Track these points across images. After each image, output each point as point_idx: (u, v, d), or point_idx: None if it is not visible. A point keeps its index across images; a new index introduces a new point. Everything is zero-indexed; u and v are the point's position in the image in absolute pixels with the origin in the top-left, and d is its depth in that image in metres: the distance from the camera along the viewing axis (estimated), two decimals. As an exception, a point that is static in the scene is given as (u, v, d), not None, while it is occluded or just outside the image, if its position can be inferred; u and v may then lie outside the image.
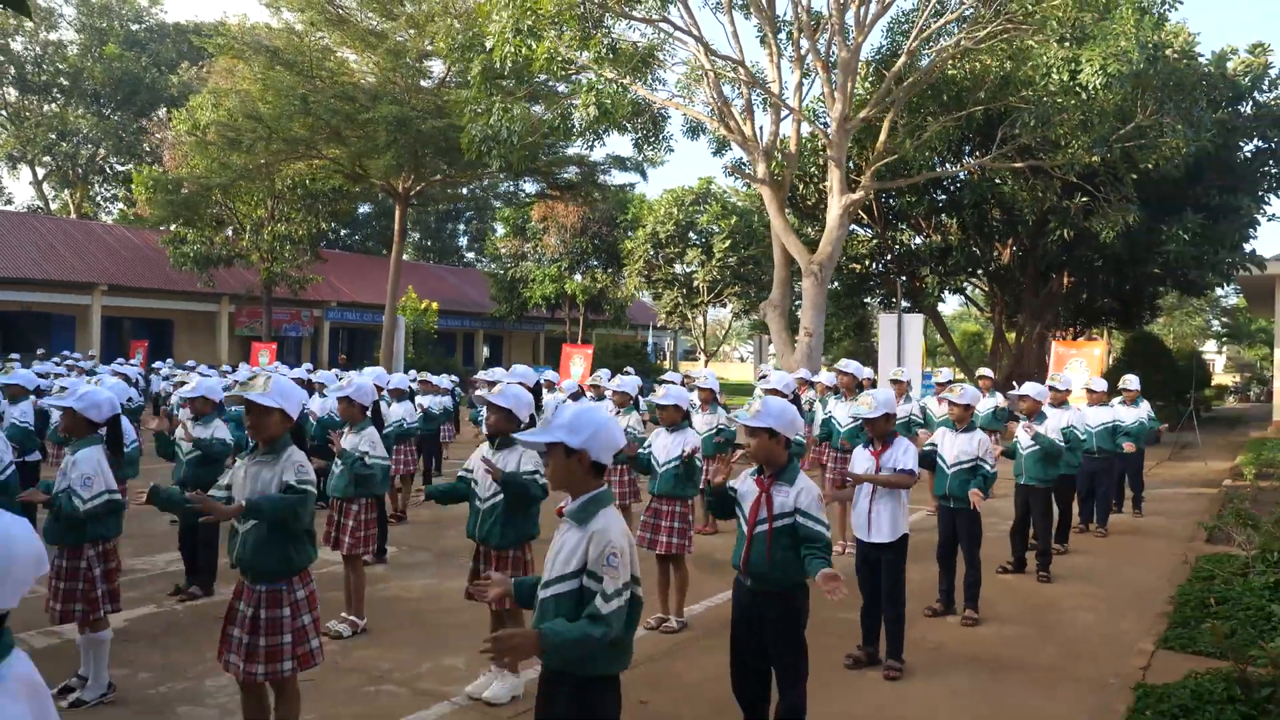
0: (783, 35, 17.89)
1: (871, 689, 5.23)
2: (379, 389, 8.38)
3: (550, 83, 20.56)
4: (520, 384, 5.54)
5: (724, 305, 40.31)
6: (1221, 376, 53.12)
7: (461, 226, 58.63)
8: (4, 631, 1.73)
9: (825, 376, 10.81)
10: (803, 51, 17.27)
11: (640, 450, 6.63)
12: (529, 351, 47.08)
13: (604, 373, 11.44)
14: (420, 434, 10.47)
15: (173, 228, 30.30)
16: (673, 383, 9.38)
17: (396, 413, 9.27)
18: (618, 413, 8.32)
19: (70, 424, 4.66)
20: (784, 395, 7.47)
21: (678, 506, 6.23)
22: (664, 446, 6.38)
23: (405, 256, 28.47)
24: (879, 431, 5.55)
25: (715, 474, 4.27)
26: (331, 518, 6.12)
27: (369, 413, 6.18)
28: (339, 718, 4.64)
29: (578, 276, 36.83)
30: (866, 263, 26.83)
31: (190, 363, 23.12)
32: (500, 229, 42.56)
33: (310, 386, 10.54)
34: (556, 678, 2.82)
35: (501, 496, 4.85)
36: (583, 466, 2.84)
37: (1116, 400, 10.74)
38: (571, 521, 2.85)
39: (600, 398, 10.95)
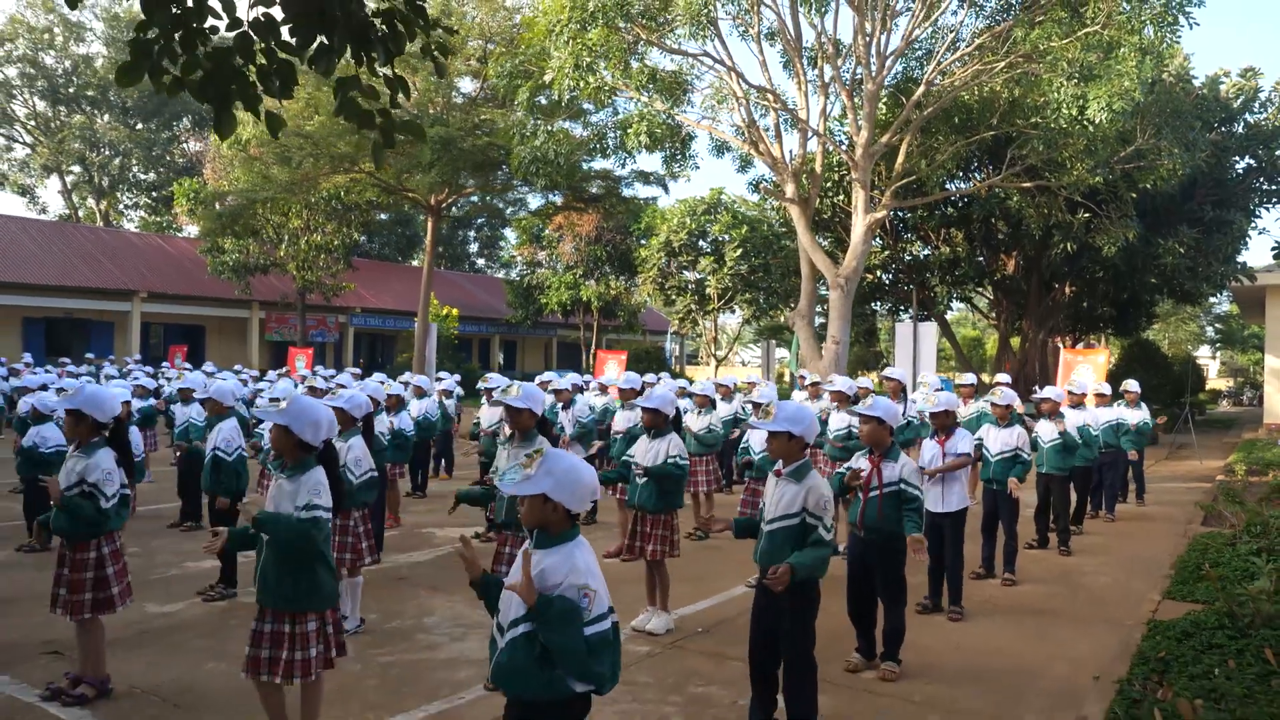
0: (805, 60, 19.23)
1: (940, 628, 6.62)
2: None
3: (581, 102, 21.88)
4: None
5: (734, 311, 41.63)
6: (1215, 381, 54.62)
7: (472, 234, 59.97)
8: (576, 524, 3.00)
9: (865, 382, 12.19)
10: (827, 79, 18.64)
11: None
12: (542, 356, 48.42)
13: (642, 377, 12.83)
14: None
15: (214, 238, 31.56)
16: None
17: (492, 415, 10.52)
18: (699, 413, 9.69)
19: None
20: (847, 395, 8.92)
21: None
22: (759, 439, 7.78)
23: (420, 263, 29.89)
24: (941, 424, 6.93)
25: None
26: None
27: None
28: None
29: (592, 283, 37.99)
30: (877, 273, 28.20)
31: (238, 366, 24.44)
32: (513, 237, 43.74)
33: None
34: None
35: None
36: (798, 445, 4.24)
37: (1119, 402, 12.15)
38: (789, 479, 4.24)
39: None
